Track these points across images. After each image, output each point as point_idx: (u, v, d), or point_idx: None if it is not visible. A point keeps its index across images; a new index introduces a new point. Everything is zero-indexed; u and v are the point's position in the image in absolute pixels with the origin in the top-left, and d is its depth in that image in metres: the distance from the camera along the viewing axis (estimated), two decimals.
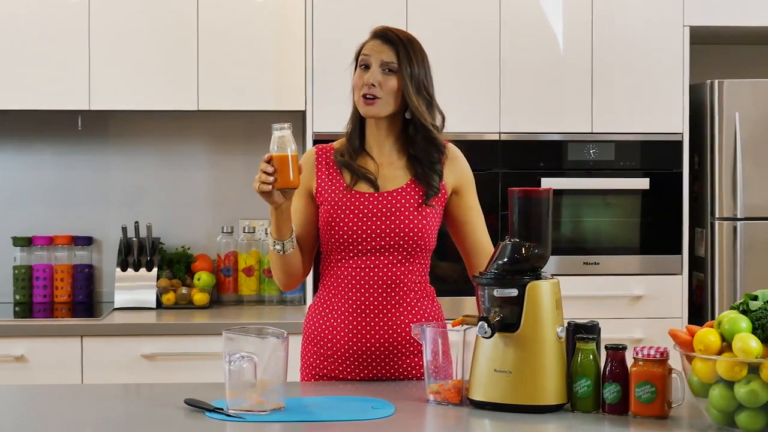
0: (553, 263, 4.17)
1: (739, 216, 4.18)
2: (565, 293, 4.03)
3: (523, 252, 2.47)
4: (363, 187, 2.84)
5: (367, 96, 2.81)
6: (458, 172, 2.91)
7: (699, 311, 4.25)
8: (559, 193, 4.21)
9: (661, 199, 4.25)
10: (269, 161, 2.61)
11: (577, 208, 4.29)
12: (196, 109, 4.32)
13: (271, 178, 2.60)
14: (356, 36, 2.94)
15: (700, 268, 4.29)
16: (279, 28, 4.35)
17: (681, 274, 4.23)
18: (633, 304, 4.22)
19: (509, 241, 2.49)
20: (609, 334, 3.85)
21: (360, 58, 2.86)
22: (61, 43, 4.28)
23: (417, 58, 2.84)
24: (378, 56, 2.83)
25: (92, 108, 4.30)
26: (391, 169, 2.87)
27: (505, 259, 2.47)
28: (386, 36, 2.86)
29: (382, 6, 4.15)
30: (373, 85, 2.81)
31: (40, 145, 4.67)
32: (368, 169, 2.86)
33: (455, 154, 2.92)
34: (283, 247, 2.78)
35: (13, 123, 4.63)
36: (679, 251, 4.24)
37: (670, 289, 4.23)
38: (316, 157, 2.90)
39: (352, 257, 2.81)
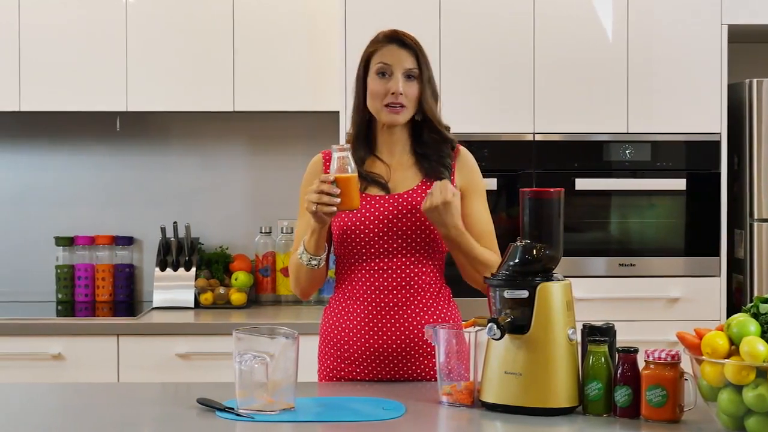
0: (587, 265, 4.15)
1: None
2: (600, 295, 4.08)
3: (534, 253, 2.45)
4: (374, 191, 2.83)
5: (393, 105, 2.80)
6: (466, 176, 2.88)
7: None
8: (594, 194, 4.17)
9: (698, 200, 4.18)
10: (332, 182, 2.60)
11: (613, 210, 4.24)
12: (231, 110, 4.35)
13: (337, 200, 2.60)
14: None
15: (739, 270, 4.22)
16: (313, 29, 4.36)
17: (719, 276, 4.16)
18: (670, 307, 4.16)
19: (520, 242, 2.47)
20: (645, 337, 3.88)
21: (378, 65, 2.81)
22: (100, 46, 4.34)
23: (428, 61, 2.83)
24: (400, 63, 2.80)
25: (130, 109, 4.35)
26: (401, 170, 2.86)
27: (516, 260, 2.45)
28: (402, 41, 2.82)
29: (415, 5, 4.14)
30: (400, 93, 2.79)
31: (81, 146, 4.73)
32: (378, 173, 2.85)
33: (466, 157, 2.90)
34: (319, 262, 2.79)
35: (53, 125, 4.70)
36: (717, 253, 4.16)
37: (708, 292, 4.16)
38: (323, 162, 2.89)
39: (366, 260, 2.81)
